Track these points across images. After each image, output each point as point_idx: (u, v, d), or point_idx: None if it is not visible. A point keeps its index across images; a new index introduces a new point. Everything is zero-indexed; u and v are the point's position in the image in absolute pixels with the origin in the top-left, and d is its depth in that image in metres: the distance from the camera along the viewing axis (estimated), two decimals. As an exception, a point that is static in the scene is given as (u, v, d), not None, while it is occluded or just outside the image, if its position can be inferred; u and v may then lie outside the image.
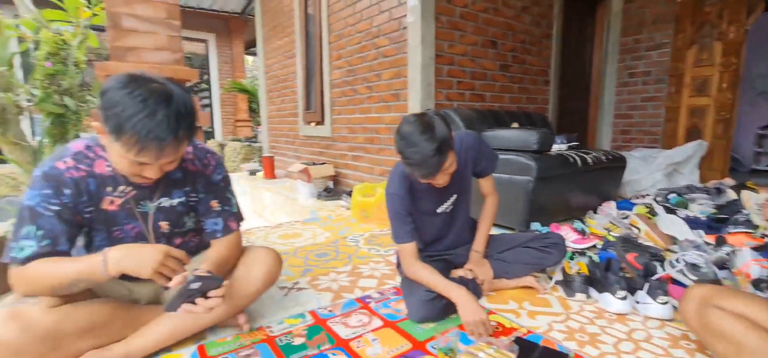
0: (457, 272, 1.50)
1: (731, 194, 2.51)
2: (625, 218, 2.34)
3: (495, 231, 1.69)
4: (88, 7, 2.76)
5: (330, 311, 1.38)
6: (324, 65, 3.62)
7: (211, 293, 0.98)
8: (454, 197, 1.48)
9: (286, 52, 4.42)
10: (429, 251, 1.56)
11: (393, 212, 1.39)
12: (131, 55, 1.61)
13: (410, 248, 1.38)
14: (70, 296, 1.00)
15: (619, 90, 4.07)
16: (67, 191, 0.97)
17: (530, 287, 1.52)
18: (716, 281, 1.37)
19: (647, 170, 3.35)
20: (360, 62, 3.17)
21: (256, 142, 6.67)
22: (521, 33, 3.18)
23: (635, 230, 2.11)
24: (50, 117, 2.76)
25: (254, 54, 11.16)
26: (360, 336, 1.21)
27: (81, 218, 1.02)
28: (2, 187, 5.07)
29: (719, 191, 2.57)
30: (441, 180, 1.29)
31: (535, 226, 2.20)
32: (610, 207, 2.59)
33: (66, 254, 0.99)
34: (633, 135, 4.01)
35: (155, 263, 0.92)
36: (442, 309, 1.27)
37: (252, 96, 7.57)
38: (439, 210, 1.47)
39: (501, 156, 2.28)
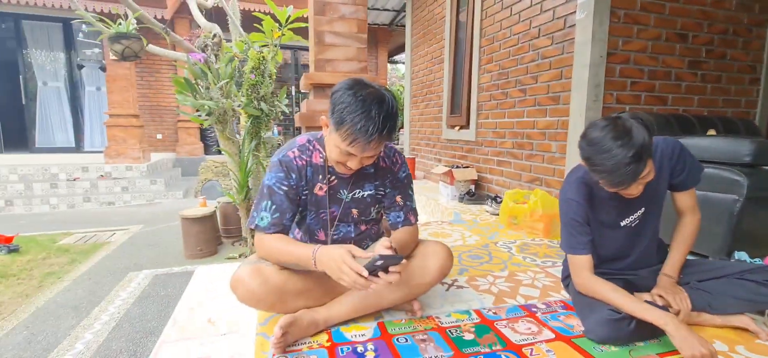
0: (643, 297, 1.32)
1: None
2: None
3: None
4: (279, 28, 3.35)
5: (495, 313, 1.38)
6: (473, 69, 3.62)
7: (391, 269, 1.07)
8: (642, 210, 1.32)
9: (433, 58, 4.58)
10: (604, 269, 1.41)
11: (568, 219, 1.31)
12: (328, 65, 1.89)
13: (586, 260, 1.28)
14: (290, 264, 1.24)
15: None
16: (293, 175, 1.21)
17: (743, 329, 1.25)
18: None
19: None
20: (514, 65, 3.07)
21: (396, 143, 7.07)
22: (722, 22, 2.63)
23: None
24: (250, 118, 3.44)
25: (395, 62, 11.86)
26: (532, 344, 1.18)
27: (299, 198, 1.24)
28: (209, 172, 6.54)
29: None
30: (634, 191, 1.16)
31: (741, 256, 1.79)
32: None
33: (288, 227, 1.23)
34: None
35: (338, 271, 1.04)
36: (630, 333, 1.15)
37: (393, 101, 8.03)
38: (622, 223, 1.33)
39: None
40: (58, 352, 2.04)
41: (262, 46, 3.45)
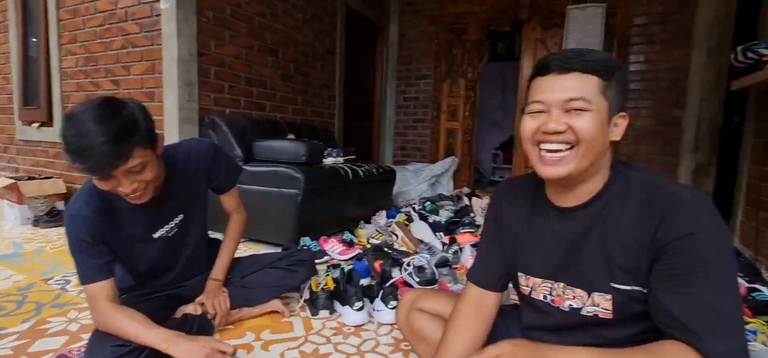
0: (185, 309, 1.23)
1: (466, 201, 3.07)
2: (389, 226, 2.54)
3: (264, 250, 1.50)
4: None
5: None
6: (51, 49, 2.73)
7: None
8: (180, 217, 1.20)
9: (-6, 24, 3.19)
10: (146, 289, 1.23)
11: (75, 241, 1.00)
12: None
13: (102, 288, 1.02)
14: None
15: (397, 111, 4.59)
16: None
17: (275, 312, 1.39)
18: (433, 281, 1.54)
19: (416, 182, 3.84)
20: (103, 50, 2.51)
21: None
22: (304, 45, 3.17)
23: (394, 237, 2.29)
24: None
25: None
26: None
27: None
28: None
29: (458, 198, 3.12)
30: (126, 187, 0.95)
31: (305, 240, 2.13)
32: (381, 217, 2.79)
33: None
34: (408, 151, 4.58)
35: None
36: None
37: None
38: (156, 235, 1.15)
39: (272, 168, 2.14)
40: None
41: None
